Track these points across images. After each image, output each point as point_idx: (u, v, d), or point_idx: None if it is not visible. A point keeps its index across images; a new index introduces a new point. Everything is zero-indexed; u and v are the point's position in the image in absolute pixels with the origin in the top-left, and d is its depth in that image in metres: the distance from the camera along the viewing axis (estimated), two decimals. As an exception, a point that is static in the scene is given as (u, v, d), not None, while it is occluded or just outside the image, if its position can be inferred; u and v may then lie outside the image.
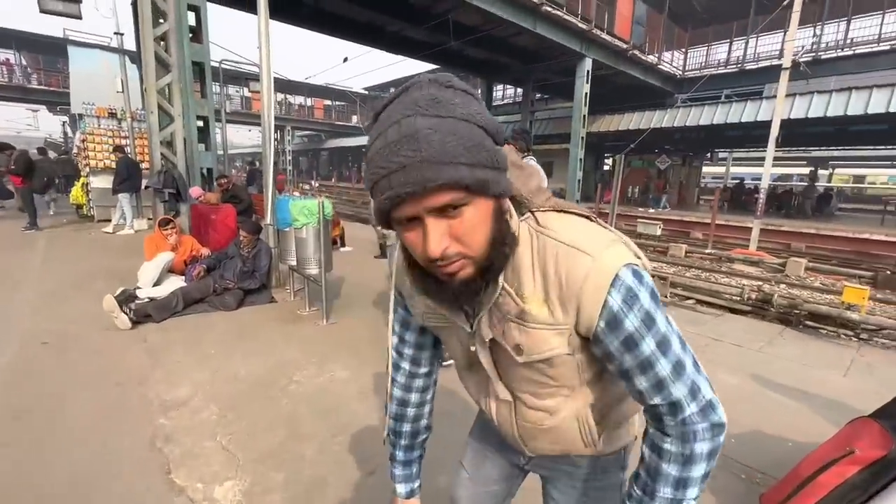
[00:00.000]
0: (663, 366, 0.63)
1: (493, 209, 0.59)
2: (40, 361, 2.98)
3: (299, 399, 2.58)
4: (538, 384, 0.74)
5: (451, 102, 0.54)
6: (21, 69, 24.17)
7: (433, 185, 0.51)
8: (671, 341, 0.63)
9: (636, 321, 0.61)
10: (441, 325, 0.78)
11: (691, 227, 15.20)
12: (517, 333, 0.67)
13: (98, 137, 9.13)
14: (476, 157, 0.53)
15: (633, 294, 0.60)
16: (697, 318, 4.55)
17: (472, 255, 0.58)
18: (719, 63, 20.44)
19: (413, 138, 0.51)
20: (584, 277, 0.60)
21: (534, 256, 0.64)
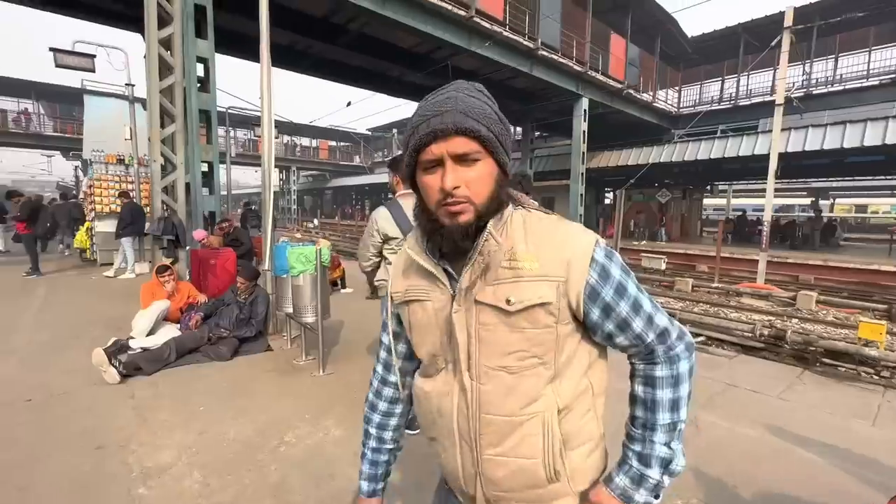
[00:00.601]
0: (646, 308, 0.78)
1: (497, 174, 0.75)
2: (21, 422, 2.84)
3: (290, 463, 2.41)
4: (515, 355, 0.75)
5: (483, 94, 0.76)
6: (38, 117, 25.10)
7: (462, 125, 0.69)
8: (639, 290, 0.79)
9: (618, 269, 0.77)
10: (419, 299, 0.83)
11: (696, 261, 15.06)
12: (506, 288, 0.74)
13: (105, 183, 9.31)
14: (492, 126, 0.72)
15: (610, 251, 0.77)
16: (710, 361, 4.35)
17: (474, 202, 0.72)
18: (713, 100, 20.97)
19: (454, 99, 0.72)
20: (574, 239, 0.75)
21: (526, 229, 0.77)
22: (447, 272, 0.79)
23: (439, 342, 0.81)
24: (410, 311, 0.84)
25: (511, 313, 0.73)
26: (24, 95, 25.21)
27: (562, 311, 0.74)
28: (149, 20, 5.60)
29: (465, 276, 0.76)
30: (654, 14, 16.55)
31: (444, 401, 0.81)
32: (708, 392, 3.54)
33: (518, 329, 0.74)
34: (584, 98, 15.02)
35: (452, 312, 0.77)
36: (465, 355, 0.77)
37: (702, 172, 20.56)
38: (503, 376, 0.76)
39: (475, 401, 0.78)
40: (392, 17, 9.68)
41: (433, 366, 0.84)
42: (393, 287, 0.88)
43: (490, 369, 0.76)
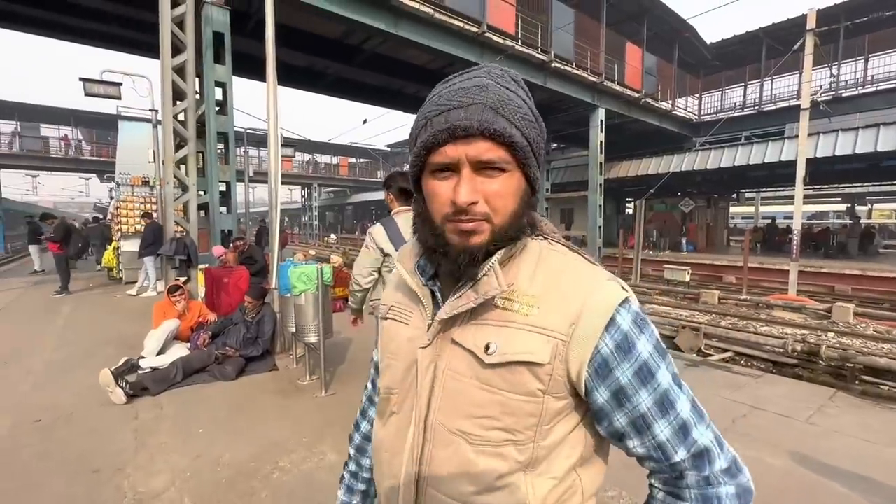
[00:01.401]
0: (681, 411, 0.58)
1: (524, 190, 0.60)
2: (27, 443, 2.87)
3: (281, 491, 2.34)
4: (480, 421, 0.58)
5: (520, 86, 0.60)
6: (76, 143, 26.54)
7: (490, 127, 0.54)
8: (675, 384, 0.59)
9: (648, 344, 0.57)
10: (398, 320, 0.70)
11: (723, 272, 14.50)
12: (490, 331, 0.59)
13: (130, 204, 9.67)
14: (528, 130, 0.57)
15: (642, 319, 0.59)
16: (733, 381, 4.09)
17: (494, 222, 0.57)
18: (736, 106, 20.44)
19: (484, 88, 0.56)
20: (592, 287, 0.58)
21: (538, 263, 0.62)
22: (435, 296, 0.66)
23: (400, 375, 0.66)
24: (387, 329, 0.72)
25: (486, 365, 0.58)
26: (64, 122, 26.78)
27: (555, 379, 0.57)
28: (163, 49, 5.84)
29: (448, 306, 0.61)
30: (669, 22, 16.34)
31: (394, 457, 0.65)
32: (730, 415, 3.31)
33: (491, 388, 0.58)
34: (601, 108, 14.86)
35: (419, 347, 0.63)
36: (424, 404, 0.62)
37: (727, 180, 19.95)
38: (462, 445, 0.59)
39: (426, 467, 0.61)
40: (405, 36, 9.84)
41: (385, 403, 0.70)
42: (383, 299, 0.77)
43: (448, 432, 0.60)
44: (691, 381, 3.94)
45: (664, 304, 10.13)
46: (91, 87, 8.04)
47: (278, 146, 4.45)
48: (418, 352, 0.64)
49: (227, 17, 7.37)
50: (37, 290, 9.13)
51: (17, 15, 9.54)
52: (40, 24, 9.92)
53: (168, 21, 6.03)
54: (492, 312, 0.60)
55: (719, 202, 21.95)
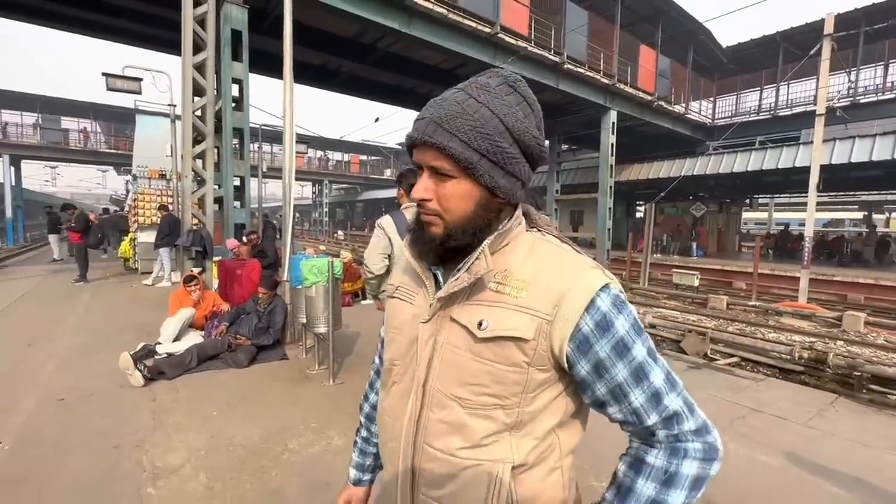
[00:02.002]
0: (654, 380, 0.65)
1: (478, 196, 0.66)
2: (52, 420, 3.03)
3: (290, 471, 2.46)
4: (472, 388, 0.66)
5: (496, 96, 0.65)
6: (95, 135, 27.11)
7: (428, 140, 0.63)
8: (656, 351, 0.66)
9: (626, 322, 0.64)
10: (403, 298, 0.78)
11: (733, 277, 14.39)
12: (483, 310, 0.67)
13: (147, 196, 9.91)
14: (476, 141, 0.62)
15: (621, 301, 0.65)
16: (735, 384, 4.13)
17: (445, 219, 0.67)
18: (751, 110, 20.19)
19: (442, 102, 0.65)
20: (575, 273, 0.65)
21: (529, 251, 0.69)
22: (437, 279, 0.74)
23: (403, 348, 0.74)
24: (392, 306, 0.81)
25: (478, 339, 0.65)
26: (84, 115, 27.38)
27: (538, 353, 0.64)
28: (185, 46, 6.01)
29: (447, 286, 0.68)
30: (685, 25, 16.22)
31: (395, 421, 0.74)
32: (729, 416, 3.36)
33: (482, 359, 0.65)
34: (613, 110, 14.82)
35: (421, 322, 0.71)
36: (423, 373, 0.70)
37: (740, 185, 19.75)
38: (455, 408, 0.67)
39: (423, 428, 0.70)
40: (418, 36, 9.94)
41: (388, 374, 0.78)
42: (391, 279, 0.85)
43: (444, 396, 0.68)
44: (691, 382, 4.01)
45: (671, 308, 10.11)
46: (113, 82, 8.28)
47: (293, 143, 4.58)
48: (419, 326, 0.71)
49: (246, 16, 7.53)
50: (56, 278, 9.42)
51: (43, 11, 9.83)
52: (65, 19, 10.21)
53: (190, 19, 6.20)
54: (486, 294, 0.67)
55: (731, 207, 21.73)
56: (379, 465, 0.94)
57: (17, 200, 23.29)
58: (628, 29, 15.10)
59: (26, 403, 3.27)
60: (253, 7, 7.78)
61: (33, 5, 9.60)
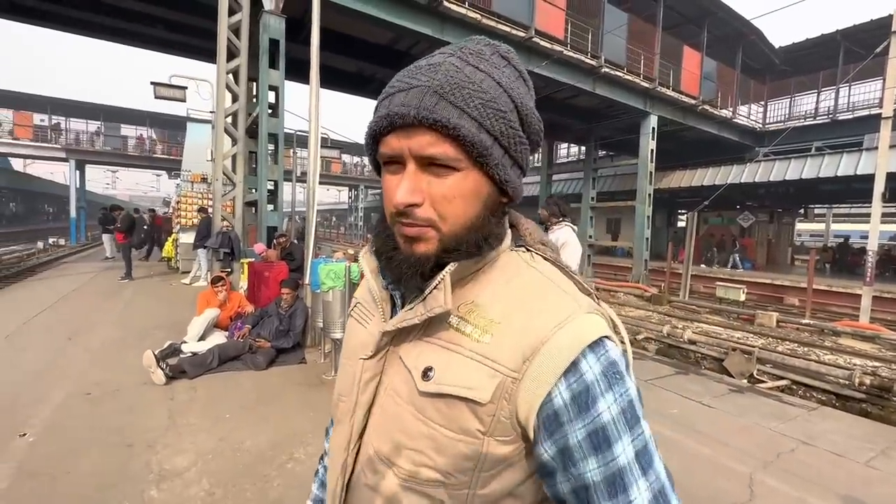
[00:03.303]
0: (642, 494, 0.45)
1: (486, 194, 0.50)
2: (76, 414, 3.13)
3: (292, 481, 2.39)
4: (410, 454, 0.50)
5: (494, 65, 0.50)
6: (150, 142, 28.98)
7: (430, 116, 0.45)
8: (654, 456, 0.47)
9: (614, 405, 0.46)
10: (359, 321, 0.63)
11: (784, 292, 13.40)
12: (435, 353, 0.51)
13: (189, 199, 10.38)
14: (489, 119, 0.47)
15: (616, 372, 0.47)
16: (783, 412, 3.74)
17: (442, 229, 0.49)
18: (806, 114, 18.89)
19: (436, 67, 0.48)
20: (558, 318, 0.47)
21: (508, 280, 0.52)
22: (395, 302, 0.58)
23: (348, 383, 0.59)
24: (348, 327, 0.66)
25: (421, 393, 0.50)
26: (141, 123, 29.37)
27: (498, 420, 0.47)
28: (219, 54, 6.24)
29: (398, 317, 0.54)
30: (733, 25, 15.40)
31: (332, 471, 0.59)
32: (775, 448, 3.02)
33: (424, 419, 0.49)
34: (653, 115, 14.24)
35: (361, 357, 0.56)
36: (360, 422, 0.56)
37: (793, 194, 18.45)
38: (388, 476, 0.52)
39: (352, 491, 0.56)
40: (451, 41, 9.84)
41: (335, 410, 0.63)
42: (357, 292, 0.69)
43: (377, 458, 0.53)
44: (734, 409, 3.68)
45: (714, 324, 9.49)
46: (160, 91, 8.74)
47: (318, 148, 4.61)
48: (359, 363, 0.57)
49: (283, 25, 7.76)
50: (105, 275, 10.00)
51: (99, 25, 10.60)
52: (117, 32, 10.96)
53: (225, 28, 6.44)
54: (443, 331, 0.51)
55: (783, 217, 20.33)
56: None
57: (80, 202, 25.14)
58: (671, 30, 14.50)
59: (56, 396, 3.40)
60: (290, 17, 8.01)
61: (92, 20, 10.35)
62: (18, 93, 25.04)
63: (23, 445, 2.67)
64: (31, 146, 24.42)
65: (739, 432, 3.26)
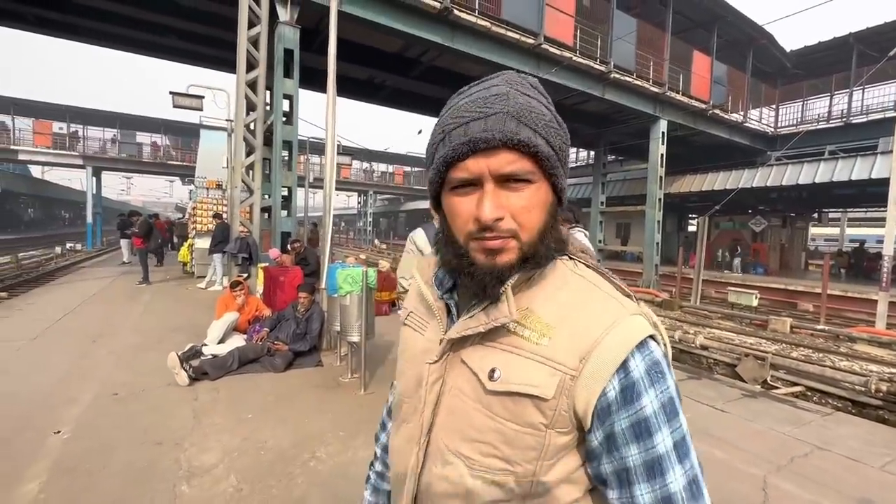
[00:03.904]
0: (677, 478, 0.52)
1: (551, 203, 0.57)
2: (106, 413, 3.25)
3: (315, 479, 2.48)
4: (480, 446, 0.57)
5: (540, 92, 0.58)
6: (165, 149, 29.55)
7: (514, 137, 0.52)
8: (690, 448, 0.54)
9: (656, 401, 0.52)
10: (414, 328, 0.70)
11: (797, 298, 13.24)
12: (498, 356, 0.57)
13: (204, 205, 10.59)
14: (552, 138, 0.55)
15: (659, 371, 0.54)
16: (797, 417, 3.74)
17: (522, 238, 0.54)
18: (819, 117, 18.70)
19: (504, 96, 0.54)
20: (609, 322, 0.54)
21: (558, 288, 0.58)
22: (451, 310, 0.64)
23: (412, 386, 0.65)
24: (404, 335, 0.73)
25: (488, 391, 0.56)
26: (155, 130, 29.98)
27: (559, 414, 0.53)
28: (239, 65, 6.42)
29: (460, 325, 0.59)
30: (743, 29, 15.37)
31: (400, 468, 0.66)
32: (788, 452, 3.03)
33: (491, 415, 0.56)
34: (663, 120, 14.23)
35: (427, 362, 0.62)
36: (428, 419, 0.61)
37: (806, 198, 18.26)
38: (459, 467, 0.58)
39: (424, 483, 0.61)
40: (461, 49, 10.06)
41: (398, 411, 0.70)
42: (405, 303, 0.76)
43: (448, 451, 0.59)
44: (747, 413, 3.70)
45: (726, 330, 9.43)
46: (178, 100, 8.99)
47: (334, 154, 4.73)
48: (425, 367, 0.62)
49: (297, 35, 7.95)
50: (123, 279, 10.23)
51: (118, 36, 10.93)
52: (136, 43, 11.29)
53: (244, 40, 6.63)
54: (503, 336, 0.57)
55: (797, 222, 20.12)
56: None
57: (96, 208, 25.66)
58: (681, 35, 14.51)
59: (85, 396, 3.52)
60: (304, 27, 8.20)
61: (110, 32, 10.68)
62: (38, 102, 25.73)
63: (58, 442, 2.79)
64: (50, 153, 25.05)
65: (753, 436, 3.28)
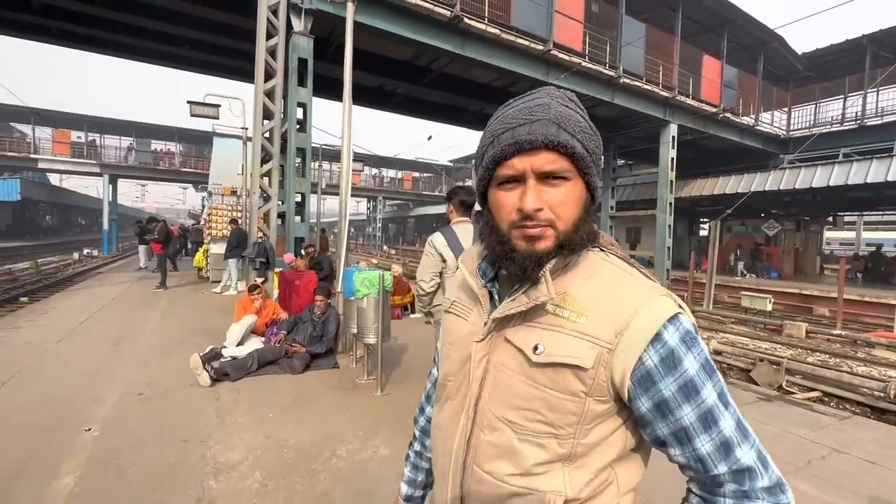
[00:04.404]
0: (725, 428, 0.60)
1: (585, 199, 0.65)
2: (132, 412, 3.36)
3: (337, 476, 2.54)
4: (525, 413, 0.64)
5: (577, 105, 0.66)
6: (177, 156, 30.11)
7: (554, 139, 0.60)
8: (728, 395, 0.62)
9: (695, 362, 0.60)
10: (458, 314, 0.77)
11: (813, 302, 13.06)
12: (540, 334, 0.64)
13: (220, 211, 10.80)
14: (587, 142, 0.63)
15: (692, 337, 0.61)
16: (814, 420, 3.73)
17: (558, 227, 0.62)
18: (833, 120, 18.50)
19: (546, 106, 0.63)
20: (640, 300, 0.61)
21: (592, 273, 0.66)
22: (493, 296, 0.72)
23: (457, 365, 0.73)
24: (448, 322, 0.79)
25: (533, 364, 0.63)
26: (170, 138, 30.57)
27: (598, 383, 0.60)
28: (257, 75, 6.60)
29: (503, 306, 0.67)
30: (753, 33, 15.32)
31: (447, 438, 0.72)
32: (806, 455, 3.03)
33: (536, 384, 0.63)
34: (673, 124, 14.20)
35: (475, 340, 0.70)
36: (475, 392, 0.68)
37: (820, 202, 18.01)
38: (507, 432, 0.65)
39: (474, 448, 0.68)
40: (471, 56, 10.19)
41: (442, 389, 0.76)
42: (447, 294, 0.84)
43: (496, 418, 0.66)
44: (763, 416, 3.70)
45: (740, 334, 9.34)
46: (195, 109, 9.22)
47: (349, 162, 4.84)
48: (473, 345, 0.70)
49: (311, 45, 8.13)
50: (141, 284, 10.45)
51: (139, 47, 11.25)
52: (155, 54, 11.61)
53: (263, 51, 6.81)
54: (543, 316, 0.65)
55: (811, 225, 19.84)
56: (431, 481, 0.90)
57: (112, 215, 26.22)
58: (690, 40, 14.50)
59: (112, 396, 3.64)
60: (317, 37, 8.39)
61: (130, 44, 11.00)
62: (57, 112, 26.42)
63: (89, 439, 2.89)
64: (68, 162, 25.72)
65: (768, 439, 3.28)
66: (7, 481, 2.40)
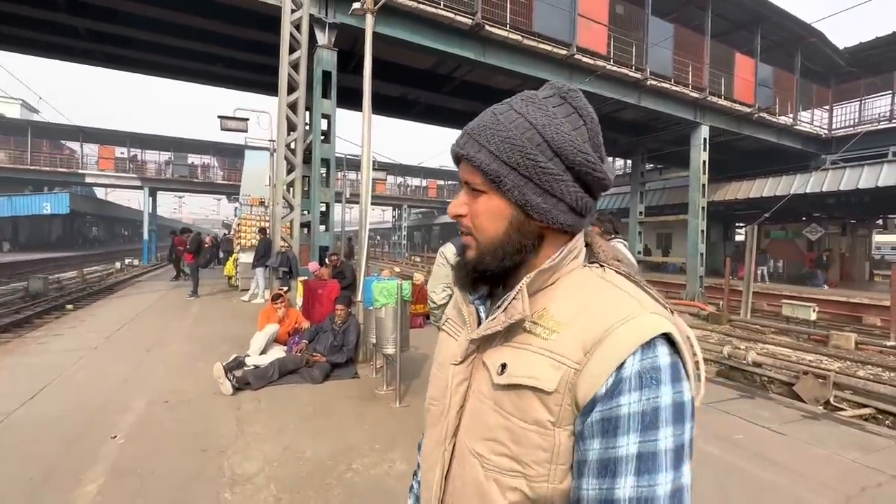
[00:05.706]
0: (627, 484, 0.47)
1: (512, 217, 0.58)
2: (157, 420, 3.43)
3: (352, 491, 2.49)
4: (490, 444, 0.56)
5: (540, 106, 0.58)
6: (213, 169, 31.39)
7: (458, 152, 0.60)
8: (660, 470, 0.47)
9: (635, 405, 0.48)
10: (449, 333, 0.72)
11: (862, 311, 12.22)
12: (509, 353, 0.58)
13: (248, 221, 11.11)
14: (505, 153, 0.56)
15: (656, 376, 0.48)
16: (868, 442, 3.42)
17: (478, 238, 0.61)
18: (880, 117, 17.44)
19: (491, 113, 0.59)
20: (617, 318, 0.51)
21: (577, 289, 0.58)
22: (480, 315, 0.66)
23: (441, 389, 0.67)
24: (440, 340, 0.74)
25: (496, 386, 0.56)
26: (205, 152, 31.95)
27: (565, 410, 0.51)
28: (280, 88, 6.77)
29: (482, 326, 0.61)
30: (789, 28, 14.66)
31: (429, 473, 0.67)
32: (858, 481, 2.77)
33: (501, 411, 0.55)
34: (704, 126, 13.71)
35: (452, 363, 0.65)
36: (454, 422, 0.63)
37: (869, 203, 16.92)
38: (476, 467, 0.58)
39: (450, 483, 0.63)
40: (493, 63, 10.16)
41: (427, 415, 0.71)
42: (446, 311, 0.78)
43: (468, 451, 0.60)
44: (806, 436, 3.42)
45: (781, 345, 8.82)
46: (225, 123, 9.56)
47: (370, 171, 4.86)
48: (450, 368, 0.65)
49: (335, 58, 8.31)
50: (174, 292, 10.84)
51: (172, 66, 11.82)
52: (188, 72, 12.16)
53: (286, 65, 6.99)
54: (519, 335, 0.58)
55: (858, 229, 18.68)
56: None
57: (152, 225, 27.49)
58: (721, 38, 14.01)
59: (139, 403, 3.73)
60: (340, 49, 8.56)
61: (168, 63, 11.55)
62: (102, 129, 28.08)
63: (114, 447, 2.96)
64: (112, 176, 27.25)
65: (817, 462, 3.02)
66: (33, 488, 2.47)
